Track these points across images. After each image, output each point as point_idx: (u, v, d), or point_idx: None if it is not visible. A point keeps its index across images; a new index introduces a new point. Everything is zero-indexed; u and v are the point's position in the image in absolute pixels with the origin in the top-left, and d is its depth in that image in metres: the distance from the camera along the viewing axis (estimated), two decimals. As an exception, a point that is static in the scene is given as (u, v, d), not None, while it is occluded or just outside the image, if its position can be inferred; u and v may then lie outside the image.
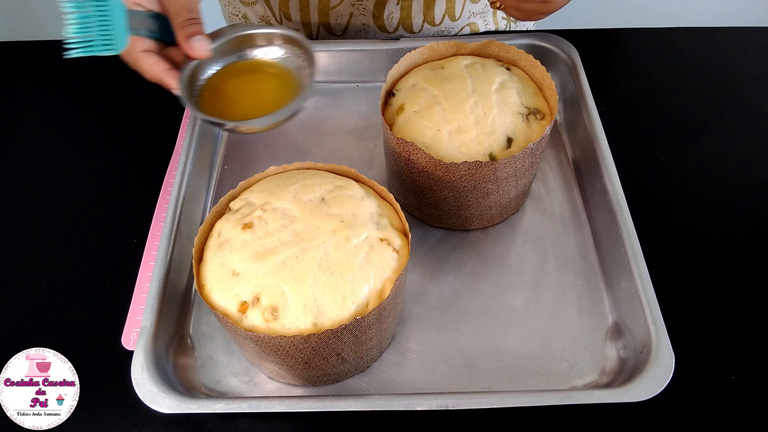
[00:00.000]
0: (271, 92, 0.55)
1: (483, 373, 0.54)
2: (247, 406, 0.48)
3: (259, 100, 0.54)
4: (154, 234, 0.64)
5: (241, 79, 0.55)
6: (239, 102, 0.54)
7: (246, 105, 0.53)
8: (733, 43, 0.83)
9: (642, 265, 0.55)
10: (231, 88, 0.55)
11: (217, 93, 0.54)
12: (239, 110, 0.53)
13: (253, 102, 0.54)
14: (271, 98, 0.54)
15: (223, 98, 0.54)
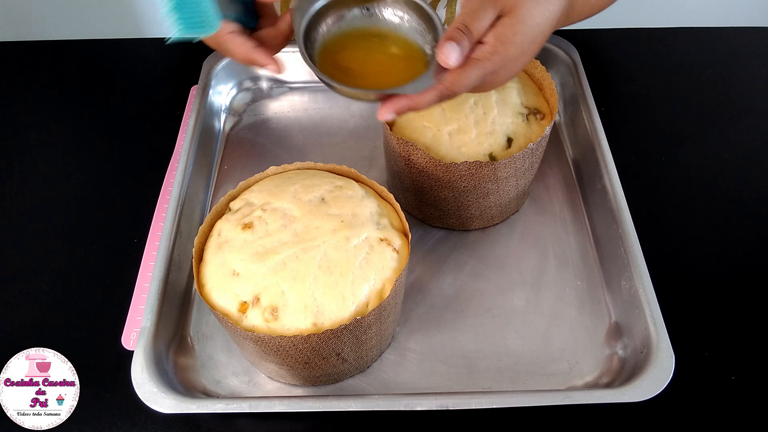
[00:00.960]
0: (393, 61, 0.50)
1: (483, 373, 0.54)
2: (247, 406, 0.48)
3: (380, 67, 0.50)
4: (154, 234, 0.64)
5: (363, 41, 0.51)
6: (360, 66, 0.49)
7: (366, 71, 0.49)
8: (733, 43, 0.83)
9: (642, 265, 0.55)
10: (352, 49, 0.50)
11: (336, 52, 0.50)
12: (359, 74, 0.49)
13: (374, 69, 0.49)
14: (391, 71, 0.49)
15: (343, 59, 0.49)
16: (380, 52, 0.50)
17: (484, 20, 0.42)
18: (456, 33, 0.41)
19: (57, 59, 0.84)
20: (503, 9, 0.42)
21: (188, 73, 0.77)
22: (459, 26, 0.42)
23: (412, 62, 0.49)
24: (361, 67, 0.49)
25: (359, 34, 0.51)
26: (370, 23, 0.51)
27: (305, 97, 0.77)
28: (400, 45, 0.50)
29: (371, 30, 0.51)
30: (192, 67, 0.75)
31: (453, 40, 0.41)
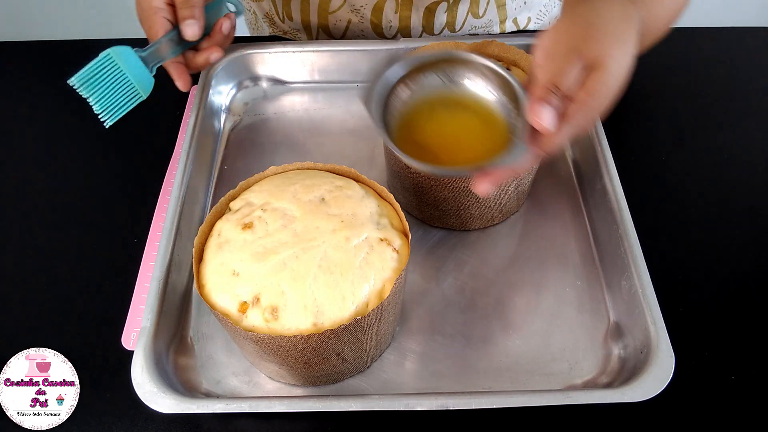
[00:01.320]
0: (475, 135, 0.48)
1: (483, 373, 0.54)
2: (247, 406, 0.48)
3: (461, 142, 0.48)
4: (154, 234, 0.64)
5: (442, 109, 0.48)
6: (439, 139, 0.47)
7: (447, 146, 0.47)
8: (733, 43, 0.83)
9: (642, 265, 0.55)
10: (431, 123, 0.48)
11: (414, 125, 0.48)
12: (439, 148, 0.47)
13: (455, 144, 0.47)
14: (475, 142, 0.47)
15: (422, 132, 0.48)
16: (460, 122, 0.48)
17: (571, 75, 0.40)
18: (547, 94, 0.40)
19: (57, 59, 0.84)
20: (591, 63, 0.40)
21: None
22: (549, 86, 0.40)
23: (492, 128, 0.47)
24: (443, 139, 0.47)
25: (437, 102, 0.48)
26: (448, 90, 0.49)
27: (305, 97, 0.77)
28: (478, 112, 0.48)
29: (449, 98, 0.48)
30: (192, 67, 0.75)
31: (545, 102, 0.40)
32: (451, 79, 0.48)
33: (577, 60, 0.40)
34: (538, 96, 0.40)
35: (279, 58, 0.76)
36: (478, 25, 0.81)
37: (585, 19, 0.42)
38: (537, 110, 0.40)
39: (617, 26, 0.42)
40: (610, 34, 0.41)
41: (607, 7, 0.43)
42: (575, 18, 0.42)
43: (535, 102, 0.40)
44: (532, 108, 0.40)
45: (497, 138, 0.46)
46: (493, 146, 0.45)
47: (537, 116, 0.40)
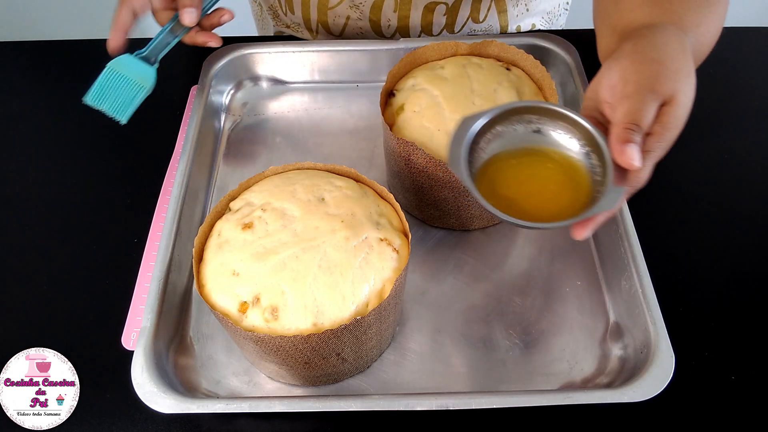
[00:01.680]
0: (559, 184, 0.48)
1: (483, 373, 0.54)
2: (247, 406, 0.48)
3: (546, 191, 0.48)
4: (154, 234, 0.64)
5: (526, 163, 0.49)
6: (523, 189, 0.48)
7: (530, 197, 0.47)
8: (733, 43, 0.83)
9: (642, 265, 0.55)
10: (515, 173, 0.48)
11: (499, 173, 0.48)
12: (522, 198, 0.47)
13: (538, 196, 0.48)
14: (560, 190, 0.47)
15: (506, 182, 0.48)
16: (543, 171, 0.49)
17: (650, 113, 0.42)
18: (630, 134, 0.41)
19: (57, 59, 0.84)
20: (665, 99, 0.42)
21: (188, 73, 0.77)
22: (630, 126, 0.41)
23: (574, 176, 0.48)
24: (528, 189, 0.48)
25: (519, 152, 0.49)
26: (529, 140, 0.49)
27: (305, 97, 0.77)
28: (560, 161, 0.48)
29: (530, 147, 0.49)
30: (192, 67, 0.75)
31: (631, 142, 0.41)
32: (532, 128, 0.49)
33: (653, 99, 0.42)
34: (623, 137, 0.42)
35: (279, 58, 0.76)
36: (477, 29, 0.81)
37: (650, 56, 0.43)
38: (624, 150, 0.41)
39: (680, 60, 0.44)
40: (677, 70, 0.43)
41: (666, 41, 0.45)
42: (639, 56, 0.44)
43: (622, 143, 0.42)
44: (620, 148, 0.42)
45: (581, 185, 0.47)
46: (578, 194, 0.46)
47: (625, 156, 0.41)
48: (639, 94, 0.42)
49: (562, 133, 0.48)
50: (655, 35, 0.45)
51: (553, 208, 0.47)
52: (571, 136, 0.48)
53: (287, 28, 0.87)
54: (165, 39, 0.63)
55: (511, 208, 0.45)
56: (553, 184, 0.48)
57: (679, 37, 0.46)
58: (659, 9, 0.48)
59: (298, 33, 0.86)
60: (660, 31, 0.46)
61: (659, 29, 0.46)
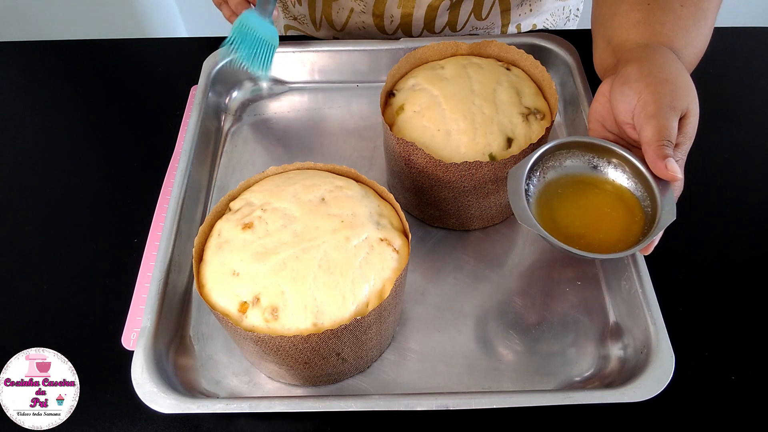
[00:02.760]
0: (612, 220, 0.51)
1: (483, 373, 0.54)
2: (247, 406, 0.48)
3: (605, 223, 0.51)
4: (154, 234, 0.64)
5: (586, 193, 0.52)
6: (577, 218, 0.51)
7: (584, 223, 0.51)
8: (733, 43, 0.83)
9: (642, 265, 0.55)
10: (572, 202, 0.52)
11: (556, 196, 0.52)
12: (575, 226, 0.50)
13: (599, 225, 0.51)
14: (612, 227, 0.50)
15: (562, 209, 0.51)
16: (597, 201, 0.52)
17: (675, 128, 0.46)
18: (666, 150, 0.46)
19: (57, 59, 0.84)
20: (683, 112, 0.47)
21: (188, 73, 0.77)
22: (664, 143, 0.46)
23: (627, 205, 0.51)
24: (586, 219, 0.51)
25: (573, 183, 0.52)
26: (582, 172, 0.53)
27: (305, 97, 0.77)
28: (611, 191, 0.52)
29: (582, 178, 0.53)
30: (192, 67, 0.75)
31: (669, 156, 0.46)
32: (585, 161, 0.53)
33: (674, 115, 0.46)
34: (661, 154, 0.46)
35: (279, 58, 0.76)
36: (479, 26, 0.81)
37: (661, 77, 0.48)
38: (667, 165, 0.46)
39: (683, 76, 0.49)
40: (685, 86, 0.48)
41: (667, 62, 0.49)
42: (651, 78, 0.48)
43: (662, 159, 0.46)
44: (662, 164, 0.46)
45: (632, 209, 0.51)
46: (632, 217, 0.50)
47: (669, 170, 0.45)
48: (662, 112, 0.46)
49: (607, 164, 0.52)
50: (655, 56, 0.50)
51: (616, 235, 0.50)
52: (616, 167, 0.52)
53: (294, 20, 0.88)
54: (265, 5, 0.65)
55: (576, 240, 0.49)
56: (610, 212, 0.51)
57: (673, 56, 0.50)
58: (651, 31, 0.52)
59: (305, 26, 0.87)
60: (657, 52, 0.50)
61: (656, 50, 0.50)
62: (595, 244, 0.49)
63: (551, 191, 0.52)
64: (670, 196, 0.48)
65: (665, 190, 0.48)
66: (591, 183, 0.52)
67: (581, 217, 0.51)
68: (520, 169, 0.50)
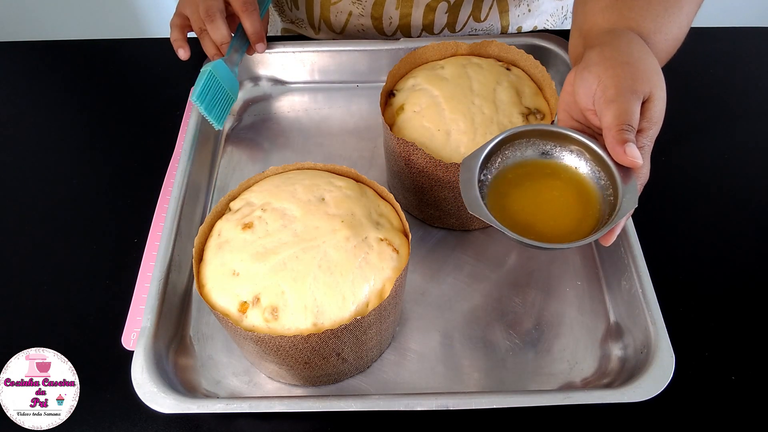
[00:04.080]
0: (566, 209, 0.49)
1: (483, 373, 0.54)
2: (247, 406, 0.48)
3: (551, 212, 0.49)
4: (154, 234, 0.64)
5: (541, 182, 0.50)
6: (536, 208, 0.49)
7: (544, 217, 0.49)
8: (733, 43, 0.83)
9: (642, 265, 0.55)
10: (525, 191, 0.50)
11: (511, 185, 0.50)
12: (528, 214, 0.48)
13: (552, 215, 0.49)
14: (565, 216, 0.49)
15: (516, 195, 0.49)
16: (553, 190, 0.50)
17: (637, 112, 0.45)
18: (626, 134, 0.44)
19: (57, 59, 0.84)
20: (645, 96, 0.45)
21: (188, 73, 0.77)
22: (624, 127, 0.44)
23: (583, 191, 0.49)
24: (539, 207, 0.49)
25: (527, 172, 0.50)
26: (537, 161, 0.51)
27: (305, 97, 0.77)
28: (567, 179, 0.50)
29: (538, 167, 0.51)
30: (192, 67, 0.75)
31: (629, 141, 0.44)
32: (540, 150, 0.51)
33: (635, 98, 0.45)
34: (620, 139, 0.44)
35: (279, 58, 0.76)
36: (478, 28, 0.81)
37: (621, 60, 0.46)
38: (625, 150, 0.44)
39: (647, 60, 0.47)
40: (647, 69, 0.46)
41: (629, 45, 0.48)
42: (610, 62, 0.46)
43: (621, 144, 0.44)
44: (621, 149, 0.44)
45: (589, 197, 0.49)
46: (588, 207, 0.48)
47: (628, 155, 0.44)
48: (622, 96, 0.44)
49: (566, 152, 0.50)
50: (618, 40, 0.48)
51: (568, 225, 0.48)
52: (575, 154, 0.50)
53: (292, 23, 0.88)
54: (233, 56, 0.68)
55: (527, 229, 0.47)
56: (564, 201, 0.49)
57: (638, 40, 0.49)
58: (618, 15, 0.51)
59: (302, 29, 0.87)
60: (621, 36, 0.49)
61: (619, 34, 0.49)
62: (548, 234, 0.47)
63: (506, 181, 0.50)
64: (632, 184, 0.46)
65: (628, 178, 0.46)
66: (548, 172, 0.50)
67: (533, 207, 0.49)
68: (473, 158, 0.48)
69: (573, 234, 0.47)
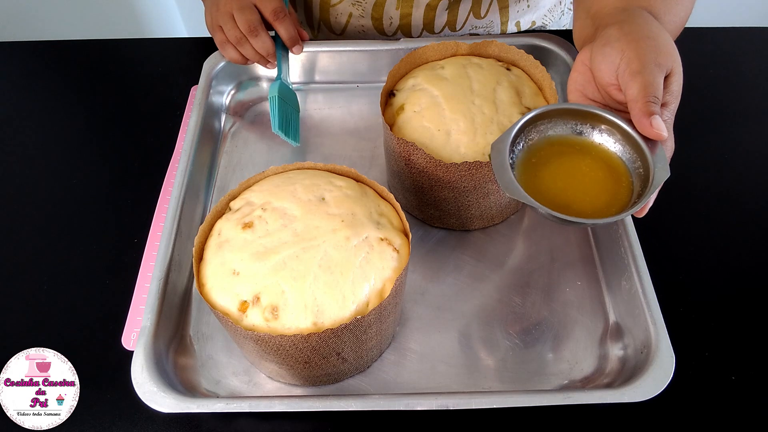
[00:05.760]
0: (598, 185, 0.49)
1: (483, 373, 0.54)
2: (247, 406, 0.48)
3: (584, 188, 0.48)
4: (154, 234, 0.64)
5: (570, 159, 0.50)
6: (563, 182, 0.49)
7: (570, 189, 0.48)
8: (733, 43, 0.83)
9: (642, 265, 0.55)
10: (555, 169, 0.49)
11: (540, 164, 0.49)
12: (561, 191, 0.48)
13: (578, 191, 0.48)
14: (598, 192, 0.48)
15: (547, 173, 0.49)
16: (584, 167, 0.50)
17: (661, 85, 0.45)
18: (652, 106, 0.44)
19: (57, 59, 0.84)
20: (668, 70, 0.46)
21: (188, 73, 0.77)
22: (651, 99, 0.44)
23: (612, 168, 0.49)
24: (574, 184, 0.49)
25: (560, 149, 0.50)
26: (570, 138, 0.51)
27: (305, 97, 0.77)
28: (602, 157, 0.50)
29: (570, 144, 0.51)
30: (192, 67, 0.75)
31: (655, 114, 0.44)
32: (569, 129, 0.51)
33: (659, 71, 0.45)
34: (647, 111, 0.44)
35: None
36: (479, 25, 0.81)
37: (643, 35, 0.46)
38: (652, 123, 0.44)
39: (664, 36, 0.47)
40: (667, 44, 0.47)
41: (647, 22, 0.48)
42: (632, 36, 0.46)
43: (647, 116, 0.44)
44: (647, 122, 0.44)
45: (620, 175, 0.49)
46: (619, 179, 0.48)
47: (654, 128, 0.44)
48: (647, 68, 0.44)
49: (590, 128, 0.50)
50: (635, 18, 0.48)
51: (603, 200, 0.48)
52: (598, 130, 0.50)
53: None
54: (283, 68, 0.71)
55: (563, 207, 0.46)
56: (596, 177, 0.49)
57: (653, 19, 0.49)
58: None
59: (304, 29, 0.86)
60: (637, 14, 0.49)
61: (635, 13, 0.49)
62: (584, 210, 0.47)
63: (535, 161, 0.50)
64: (661, 153, 0.46)
65: (655, 149, 0.46)
66: (575, 149, 0.50)
67: (566, 185, 0.49)
68: (502, 141, 0.48)
69: (609, 208, 0.47)
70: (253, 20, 0.66)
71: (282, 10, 0.67)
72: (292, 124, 0.69)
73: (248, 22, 0.66)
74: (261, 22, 0.67)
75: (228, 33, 0.67)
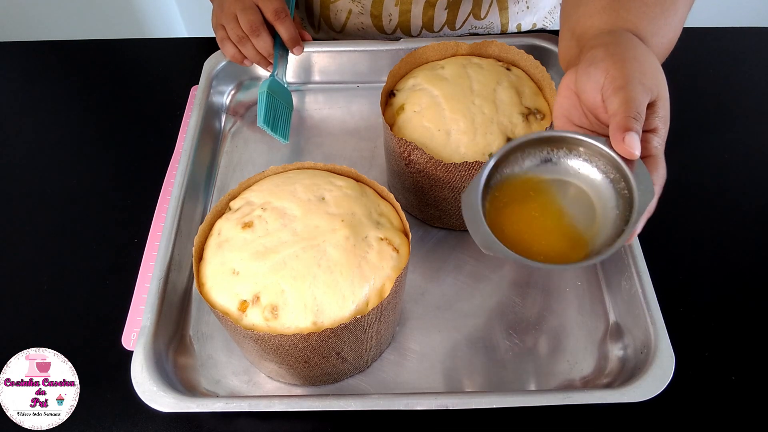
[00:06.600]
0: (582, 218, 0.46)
1: (483, 373, 0.54)
2: (246, 406, 0.48)
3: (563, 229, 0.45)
4: (154, 234, 0.64)
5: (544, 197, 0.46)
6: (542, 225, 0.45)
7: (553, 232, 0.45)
8: (733, 43, 0.83)
9: (642, 265, 0.55)
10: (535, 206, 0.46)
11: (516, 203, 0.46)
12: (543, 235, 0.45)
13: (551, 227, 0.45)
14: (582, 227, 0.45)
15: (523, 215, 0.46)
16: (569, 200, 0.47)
17: (645, 104, 0.43)
18: (632, 122, 0.42)
19: (57, 59, 0.84)
20: (654, 95, 0.44)
21: (188, 73, 0.77)
22: (632, 114, 0.42)
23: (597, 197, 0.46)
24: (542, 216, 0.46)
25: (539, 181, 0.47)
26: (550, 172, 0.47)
27: (305, 97, 0.77)
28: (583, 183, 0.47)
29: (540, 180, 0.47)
30: (192, 67, 0.75)
31: (632, 130, 0.42)
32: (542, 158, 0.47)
33: (644, 91, 0.43)
34: (624, 126, 0.42)
35: (279, 58, 0.76)
36: (479, 26, 0.81)
37: (629, 56, 0.45)
38: (624, 138, 0.42)
39: (651, 59, 0.46)
40: (653, 68, 0.45)
41: (633, 44, 0.47)
42: (618, 57, 0.45)
43: (623, 131, 0.42)
44: (621, 137, 0.42)
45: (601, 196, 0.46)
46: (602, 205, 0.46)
47: (625, 144, 0.42)
48: (631, 84, 0.43)
49: (565, 154, 0.47)
50: (621, 39, 0.47)
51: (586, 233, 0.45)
52: (574, 154, 0.47)
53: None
54: (280, 67, 0.70)
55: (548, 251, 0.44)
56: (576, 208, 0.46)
57: (639, 42, 0.48)
58: (616, 17, 0.49)
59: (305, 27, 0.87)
60: (623, 36, 0.48)
61: (621, 35, 0.48)
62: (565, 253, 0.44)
63: (510, 203, 0.46)
64: (643, 173, 0.43)
65: (633, 168, 0.43)
66: (551, 182, 0.47)
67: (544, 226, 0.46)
68: (471, 193, 0.44)
69: (594, 239, 0.44)
70: (255, 20, 0.66)
71: (283, 11, 0.68)
72: (282, 121, 0.68)
73: (250, 22, 0.66)
74: (263, 23, 0.67)
75: (230, 32, 0.67)
